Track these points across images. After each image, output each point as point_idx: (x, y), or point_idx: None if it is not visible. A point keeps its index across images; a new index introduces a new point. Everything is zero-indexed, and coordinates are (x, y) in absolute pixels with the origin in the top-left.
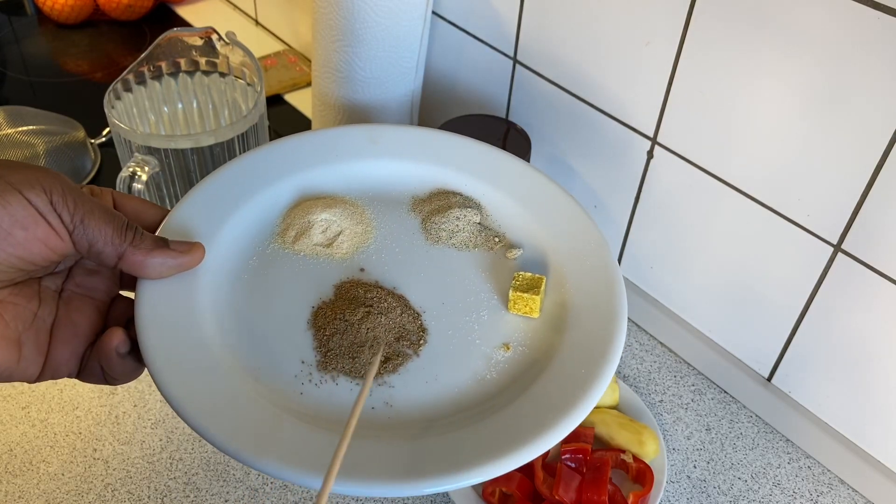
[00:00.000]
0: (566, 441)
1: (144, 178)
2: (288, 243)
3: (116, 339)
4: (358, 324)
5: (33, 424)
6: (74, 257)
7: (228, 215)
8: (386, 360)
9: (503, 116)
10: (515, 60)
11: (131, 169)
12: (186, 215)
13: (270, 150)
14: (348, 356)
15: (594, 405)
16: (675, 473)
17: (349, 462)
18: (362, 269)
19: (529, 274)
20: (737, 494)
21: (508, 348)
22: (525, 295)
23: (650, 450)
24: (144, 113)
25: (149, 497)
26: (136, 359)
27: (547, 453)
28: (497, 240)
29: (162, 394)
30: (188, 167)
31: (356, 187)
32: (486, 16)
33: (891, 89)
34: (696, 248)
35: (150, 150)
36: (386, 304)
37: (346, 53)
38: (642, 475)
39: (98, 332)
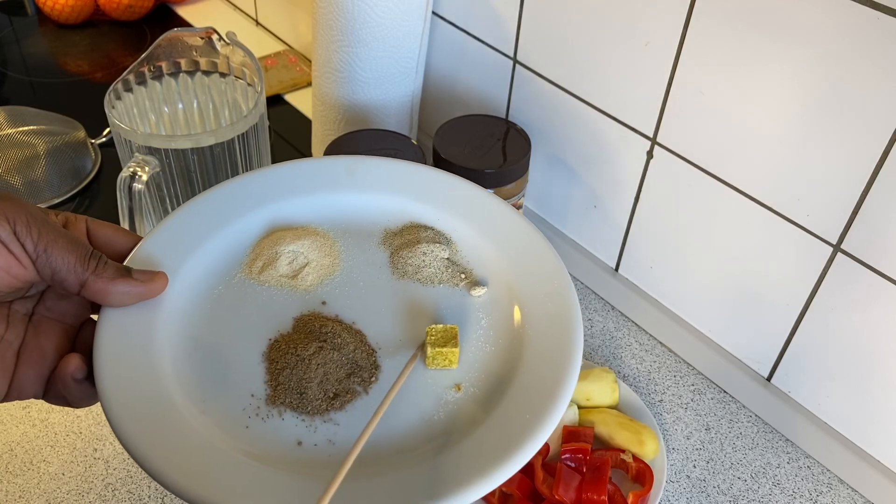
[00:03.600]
0: (566, 440)
1: (145, 178)
2: (254, 274)
3: (72, 365)
4: (309, 359)
5: (34, 424)
6: (42, 284)
7: (199, 245)
8: (334, 396)
9: (503, 116)
10: (515, 60)
11: (132, 169)
12: (157, 244)
13: (247, 180)
14: (296, 391)
15: (537, 449)
16: (675, 473)
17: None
18: (324, 303)
19: (442, 326)
20: (736, 494)
21: (459, 389)
22: (444, 349)
23: (650, 449)
24: (145, 113)
25: (149, 497)
26: (93, 384)
27: (547, 452)
28: (463, 276)
29: (108, 421)
30: (188, 167)
31: (329, 219)
32: (486, 16)
33: (891, 89)
34: (695, 248)
35: (151, 150)
36: (340, 340)
37: (346, 54)
38: (642, 475)
39: (64, 356)
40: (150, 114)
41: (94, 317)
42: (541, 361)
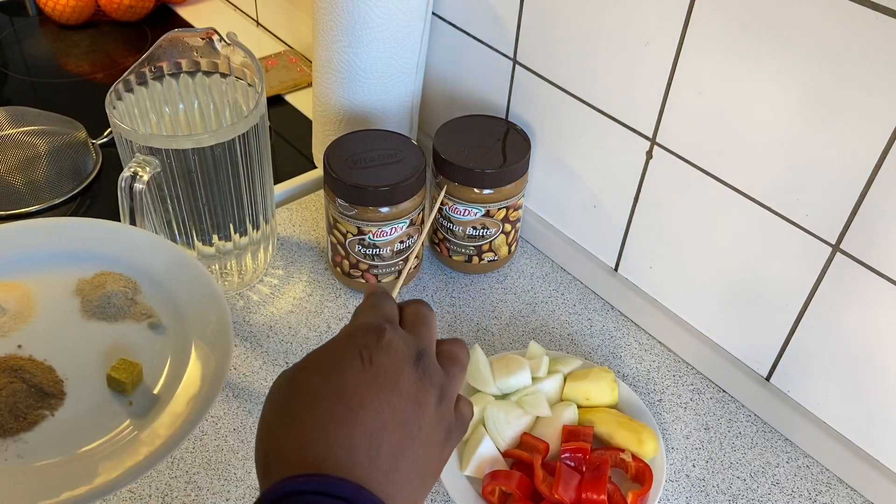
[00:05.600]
0: (566, 440)
1: (146, 178)
2: None
3: None
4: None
5: None
6: None
7: None
8: (23, 418)
9: (503, 117)
10: (515, 61)
11: (133, 169)
12: None
13: None
14: None
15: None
16: (674, 472)
17: None
18: (20, 346)
19: (129, 361)
20: (735, 493)
21: (132, 404)
22: (117, 376)
23: (649, 449)
24: (146, 113)
25: (150, 496)
26: None
27: (547, 452)
28: (144, 314)
29: None
30: (189, 167)
31: (28, 273)
32: (486, 16)
33: (889, 89)
34: (694, 248)
35: (152, 151)
36: (29, 374)
37: (347, 54)
38: (641, 474)
39: None
40: (151, 114)
41: None
42: (194, 385)
